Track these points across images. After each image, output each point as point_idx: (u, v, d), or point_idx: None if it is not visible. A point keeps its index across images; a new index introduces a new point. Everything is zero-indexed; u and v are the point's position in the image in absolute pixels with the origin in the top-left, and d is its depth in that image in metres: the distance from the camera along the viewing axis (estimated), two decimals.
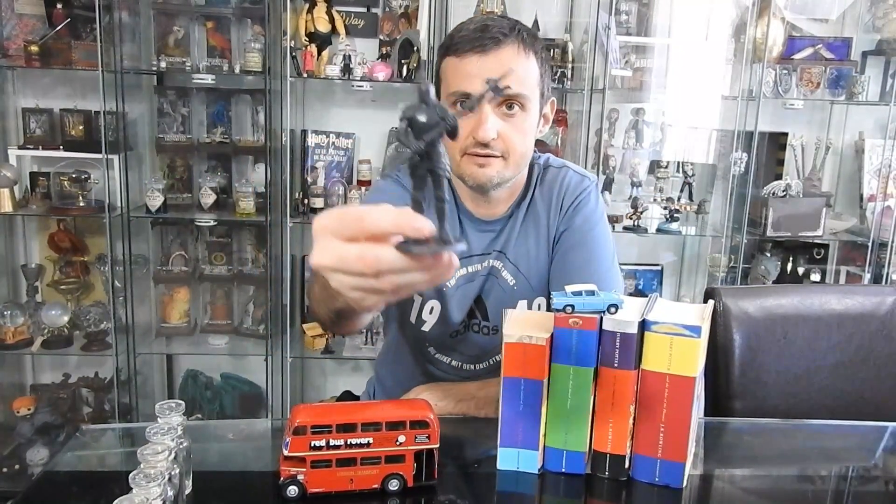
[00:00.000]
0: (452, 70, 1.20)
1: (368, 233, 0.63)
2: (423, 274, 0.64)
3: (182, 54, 2.58)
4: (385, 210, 0.62)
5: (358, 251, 0.63)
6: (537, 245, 1.31)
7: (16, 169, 2.50)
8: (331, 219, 0.64)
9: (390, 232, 0.63)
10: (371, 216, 0.62)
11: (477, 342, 1.33)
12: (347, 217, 0.64)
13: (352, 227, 0.63)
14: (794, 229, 2.72)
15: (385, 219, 0.62)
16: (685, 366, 0.89)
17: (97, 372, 2.70)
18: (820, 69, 2.70)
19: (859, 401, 1.44)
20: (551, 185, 1.33)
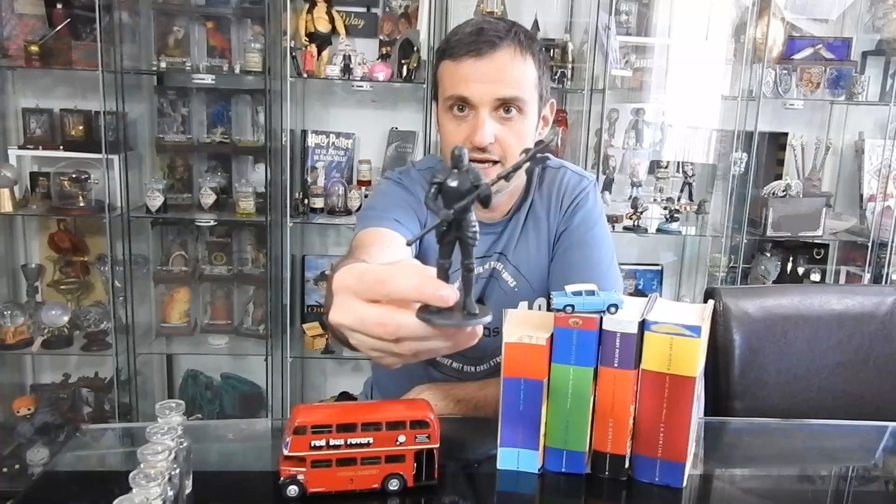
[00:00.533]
0: (449, 74, 1.19)
1: (390, 298, 0.62)
2: (444, 342, 0.64)
3: (182, 54, 2.58)
4: (409, 274, 0.61)
5: (378, 316, 0.62)
6: (538, 246, 1.31)
7: (16, 169, 2.50)
8: (352, 278, 0.64)
9: (413, 299, 0.61)
10: (394, 281, 0.61)
11: (477, 344, 1.30)
12: (369, 278, 0.63)
13: (373, 289, 0.62)
14: (794, 229, 2.72)
15: (408, 285, 0.61)
16: (685, 366, 0.89)
17: (97, 372, 2.70)
18: (820, 69, 2.70)
19: (859, 401, 1.44)
20: (550, 186, 1.33)
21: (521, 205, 1.32)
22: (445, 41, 1.21)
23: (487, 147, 1.16)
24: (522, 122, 1.19)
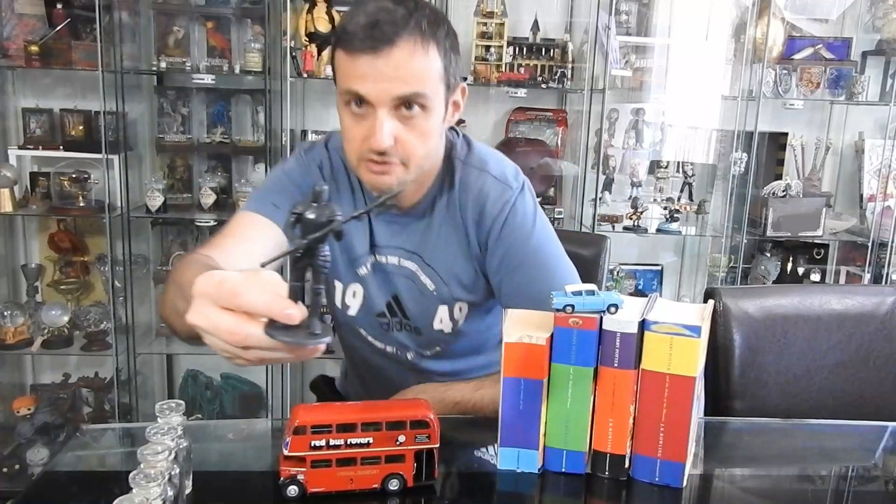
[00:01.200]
0: (344, 67, 1.08)
1: (242, 309, 0.69)
2: (287, 353, 0.71)
3: (182, 54, 2.58)
4: (262, 290, 0.68)
5: (229, 325, 0.69)
6: (457, 253, 1.23)
7: (16, 169, 2.50)
8: (212, 285, 0.70)
9: (262, 314, 0.68)
10: (247, 295, 0.68)
11: (406, 339, 1.30)
12: (226, 288, 0.69)
13: (228, 299, 0.69)
14: (794, 229, 2.72)
15: (259, 300, 0.68)
16: (685, 366, 0.89)
17: (97, 372, 2.70)
18: (820, 69, 2.71)
19: (859, 401, 1.44)
20: (468, 191, 1.21)
21: (434, 201, 1.23)
22: (342, 27, 1.09)
23: (387, 150, 1.08)
24: (426, 119, 1.10)
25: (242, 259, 1.06)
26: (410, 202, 1.23)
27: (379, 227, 1.25)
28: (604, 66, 2.60)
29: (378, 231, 1.25)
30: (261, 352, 0.70)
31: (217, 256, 1.04)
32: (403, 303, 1.27)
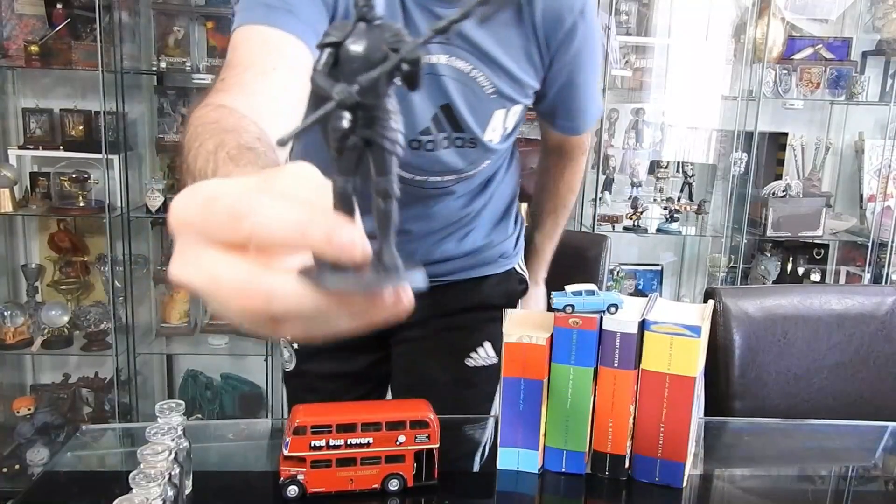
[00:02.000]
0: None
1: (256, 243, 0.36)
2: (348, 318, 0.38)
3: (182, 54, 2.58)
4: (284, 203, 0.35)
5: (236, 276, 0.36)
6: (517, 45, 1.04)
7: (16, 169, 2.50)
8: (194, 207, 0.37)
9: (293, 248, 0.36)
10: (261, 214, 0.35)
11: (451, 159, 1.10)
12: (220, 208, 0.36)
13: (228, 228, 0.36)
14: (794, 229, 2.72)
15: (284, 222, 0.35)
16: (685, 366, 0.89)
17: (97, 372, 2.70)
18: (820, 69, 2.71)
19: (859, 401, 1.44)
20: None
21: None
22: None
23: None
24: None
25: (282, 103, 0.76)
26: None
27: (419, 17, 0.99)
28: (604, 66, 2.60)
29: (419, 23, 0.98)
30: (300, 321, 0.38)
31: (241, 103, 0.71)
32: (457, 111, 1.06)
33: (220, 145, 0.58)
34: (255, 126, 0.65)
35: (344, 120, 0.37)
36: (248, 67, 0.79)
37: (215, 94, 0.74)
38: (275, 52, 0.82)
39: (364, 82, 0.37)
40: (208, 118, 0.66)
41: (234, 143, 0.58)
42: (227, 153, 0.56)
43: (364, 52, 0.38)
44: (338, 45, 0.39)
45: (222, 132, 0.61)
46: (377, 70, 0.37)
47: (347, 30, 0.39)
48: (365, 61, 0.38)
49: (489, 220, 1.25)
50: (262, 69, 0.79)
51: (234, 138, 0.60)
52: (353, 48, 0.38)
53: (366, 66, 0.37)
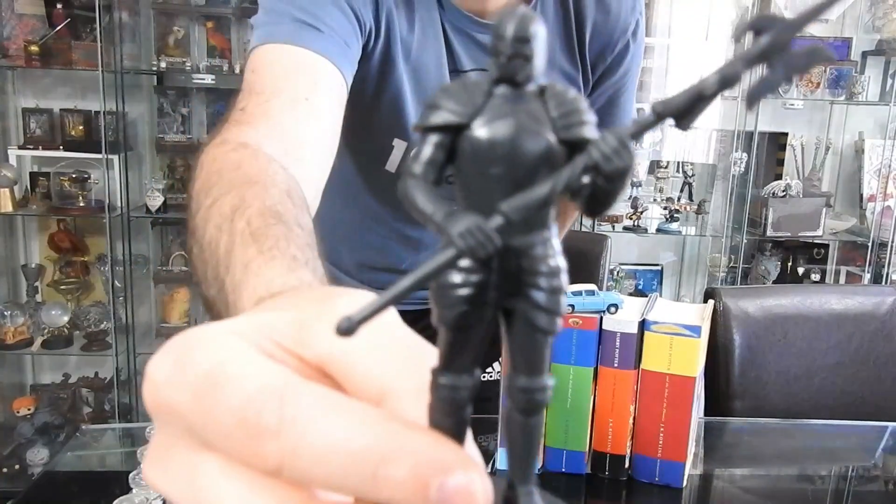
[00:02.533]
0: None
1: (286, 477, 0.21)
2: None
3: (182, 54, 2.58)
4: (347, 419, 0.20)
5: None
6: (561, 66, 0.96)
7: (16, 169, 2.50)
8: (185, 391, 0.23)
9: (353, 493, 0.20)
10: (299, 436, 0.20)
11: None
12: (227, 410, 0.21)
13: (239, 447, 0.21)
14: (794, 229, 2.72)
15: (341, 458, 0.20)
16: (685, 366, 0.89)
17: (97, 372, 2.70)
18: (820, 69, 2.71)
19: (859, 401, 1.44)
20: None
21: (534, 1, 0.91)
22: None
23: None
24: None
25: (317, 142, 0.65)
26: (499, 4, 0.89)
27: (458, 44, 0.89)
28: None
29: (458, 48, 0.90)
30: None
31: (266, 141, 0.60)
32: None
33: (238, 208, 0.45)
34: (283, 174, 0.53)
35: (468, 276, 0.21)
36: (274, 95, 0.66)
37: (235, 128, 0.62)
38: (307, 77, 0.69)
39: (515, 214, 0.20)
40: (227, 161, 0.54)
41: (257, 207, 0.45)
42: (247, 222, 0.44)
43: (510, 146, 0.21)
44: (458, 128, 0.21)
45: (243, 185, 0.49)
46: (542, 188, 0.20)
47: (477, 98, 0.21)
48: (512, 163, 0.21)
49: None
50: (293, 98, 0.66)
51: (257, 196, 0.47)
52: (490, 137, 0.21)
53: (513, 171, 0.21)
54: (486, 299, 0.21)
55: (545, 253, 0.22)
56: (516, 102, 0.21)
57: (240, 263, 0.40)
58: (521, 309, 0.22)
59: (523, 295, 0.21)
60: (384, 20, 0.83)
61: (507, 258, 0.21)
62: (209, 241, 0.45)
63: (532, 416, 0.23)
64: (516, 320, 0.22)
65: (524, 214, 0.20)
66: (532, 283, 0.21)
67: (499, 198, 0.20)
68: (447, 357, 0.22)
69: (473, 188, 0.21)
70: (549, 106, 0.21)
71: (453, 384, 0.22)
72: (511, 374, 0.22)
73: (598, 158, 0.20)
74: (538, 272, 0.21)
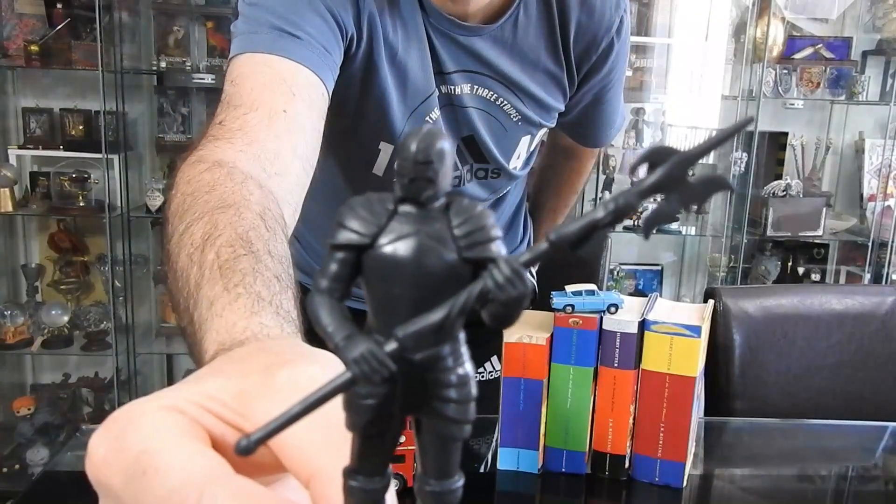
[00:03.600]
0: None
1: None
2: None
3: (182, 54, 2.58)
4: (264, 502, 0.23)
5: None
6: (545, 67, 0.96)
7: (16, 169, 2.50)
8: (118, 471, 0.24)
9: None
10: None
11: (469, 192, 1.04)
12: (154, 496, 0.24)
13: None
14: (794, 229, 2.72)
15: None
16: (685, 366, 0.89)
17: (97, 372, 2.70)
18: (820, 69, 2.71)
19: (859, 401, 1.44)
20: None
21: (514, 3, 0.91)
22: None
23: None
24: None
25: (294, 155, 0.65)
26: (480, 6, 0.89)
27: (442, 47, 0.90)
28: None
29: (441, 51, 0.90)
30: None
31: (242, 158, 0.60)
32: (481, 142, 0.99)
33: (210, 235, 0.46)
34: (258, 194, 0.54)
35: (370, 399, 0.22)
36: (251, 109, 0.66)
37: (211, 144, 0.61)
38: (285, 88, 0.69)
39: (409, 341, 0.20)
40: (201, 182, 0.54)
41: (228, 236, 0.46)
42: (216, 254, 0.44)
43: (412, 266, 0.21)
44: (362, 248, 0.22)
45: (216, 210, 0.49)
46: (438, 312, 0.20)
47: (381, 217, 0.22)
48: (414, 283, 0.21)
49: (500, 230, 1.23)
50: (270, 111, 0.66)
51: (229, 223, 0.48)
52: (391, 257, 0.21)
53: (415, 289, 0.21)
54: (391, 410, 0.22)
55: (454, 364, 0.22)
56: (420, 222, 0.21)
57: (206, 300, 0.41)
58: (430, 419, 0.22)
59: (432, 407, 0.22)
60: (366, 24, 0.83)
61: (411, 373, 0.21)
62: (181, 271, 0.46)
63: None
64: (425, 429, 0.22)
65: (418, 340, 0.20)
66: (441, 395, 0.22)
67: (403, 314, 0.20)
68: (358, 461, 0.23)
69: (380, 304, 0.22)
70: (454, 224, 0.21)
71: (363, 487, 0.23)
72: (421, 477, 0.23)
73: (492, 287, 0.20)
74: (447, 384, 0.22)
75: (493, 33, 0.90)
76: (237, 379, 0.27)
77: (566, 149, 1.27)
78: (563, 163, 1.30)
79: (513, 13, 0.91)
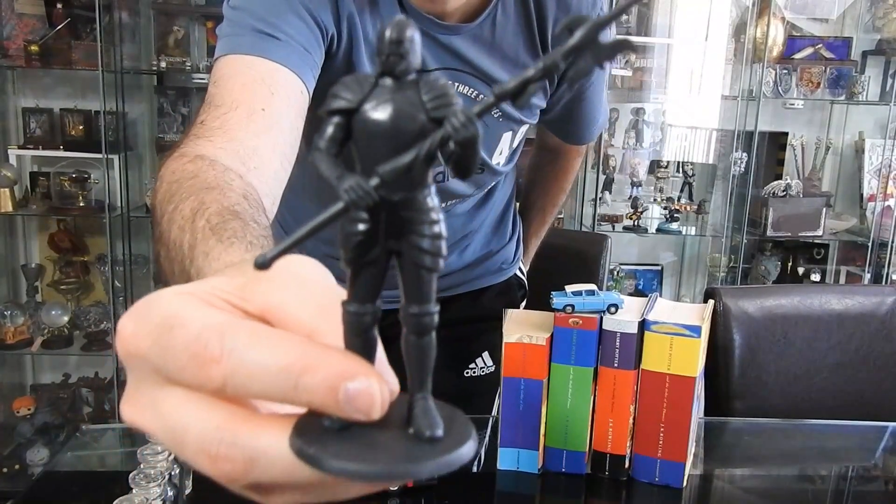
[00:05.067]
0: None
1: (230, 389, 0.27)
2: (361, 489, 0.28)
3: (182, 54, 2.58)
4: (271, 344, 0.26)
5: (207, 435, 0.27)
6: (525, 64, 0.97)
7: (16, 169, 2.50)
8: (146, 336, 0.28)
9: (281, 397, 0.26)
10: (236, 359, 0.26)
11: (454, 188, 1.07)
12: (179, 346, 0.27)
13: (191, 375, 0.27)
14: (794, 229, 2.72)
15: (269, 372, 0.26)
16: (685, 366, 0.89)
17: (97, 372, 2.70)
18: (820, 69, 2.71)
19: (859, 401, 1.44)
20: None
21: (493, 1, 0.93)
22: None
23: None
24: None
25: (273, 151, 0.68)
26: (458, 5, 0.90)
27: (423, 44, 0.81)
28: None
29: (423, 50, 0.87)
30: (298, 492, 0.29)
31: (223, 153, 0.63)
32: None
33: (198, 209, 0.49)
34: (239, 181, 0.57)
35: (359, 224, 0.26)
36: (232, 108, 0.69)
37: (193, 141, 0.64)
38: (264, 88, 0.72)
39: (388, 175, 0.26)
40: (185, 172, 0.57)
41: (216, 207, 0.49)
42: (206, 220, 0.47)
43: (390, 124, 0.26)
44: (350, 112, 0.27)
45: (201, 190, 0.52)
46: (408, 155, 0.26)
47: (365, 88, 0.27)
48: (391, 139, 0.26)
49: (489, 228, 1.24)
50: (249, 110, 0.69)
51: (215, 199, 0.51)
52: (374, 117, 0.26)
53: (393, 145, 0.26)
54: (377, 241, 0.27)
55: (425, 206, 0.27)
56: (396, 91, 0.27)
57: (201, 254, 0.44)
58: (408, 251, 0.27)
59: (408, 240, 0.27)
60: (345, 24, 0.85)
61: (392, 211, 0.27)
62: (174, 242, 0.49)
63: (423, 336, 0.28)
64: (405, 261, 0.27)
65: (395, 175, 0.26)
66: (416, 231, 0.27)
67: (384, 162, 0.26)
68: (352, 290, 0.28)
69: (365, 157, 0.27)
70: (423, 93, 0.27)
71: (357, 311, 0.28)
72: (405, 304, 0.28)
73: (451, 130, 0.25)
74: (421, 221, 0.27)
75: (473, 31, 0.93)
76: (237, 276, 0.31)
77: (553, 148, 1.29)
78: (551, 162, 1.32)
79: (491, 12, 0.93)
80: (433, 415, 0.27)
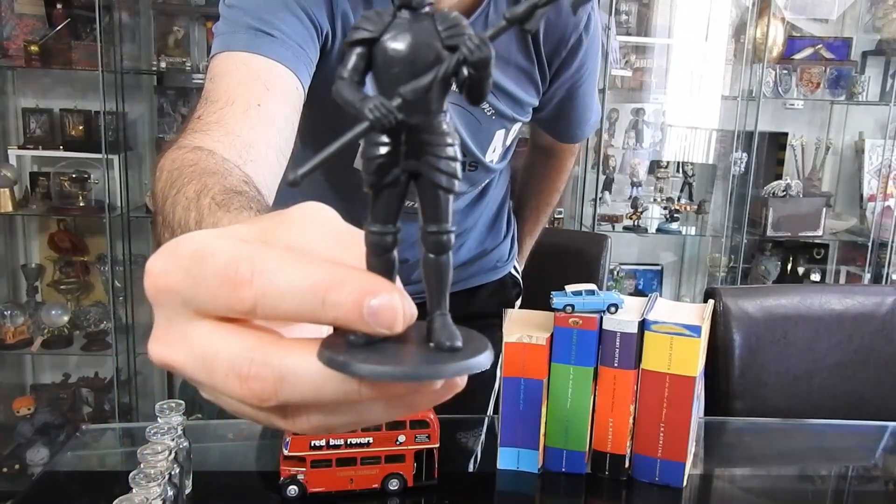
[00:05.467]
0: None
1: (262, 314, 0.28)
2: (382, 409, 0.30)
3: (182, 54, 2.58)
4: (299, 264, 0.27)
5: (237, 357, 0.28)
6: (517, 60, 0.99)
7: (16, 169, 2.50)
8: (177, 271, 0.29)
9: (310, 317, 0.27)
10: (266, 279, 0.27)
11: None
12: (210, 274, 0.28)
13: (223, 300, 0.28)
14: (794, 229, 2.72)
15: (298, 290, 0.27)
16: (685, 366, 0.89)
17: (97, 372, 2.69)
18: (820, 69, 2.71)
19: (859, 401, 1.44)
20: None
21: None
22: None
23: None
24: None
25: (269, 145, 0.69)
26: (451, 4, 0.92)
27: None
28: (604, 66, 2.60)
29: None
30: (320, 415, 0.30)
31: (220, 146, 0.64)
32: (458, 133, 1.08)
33: (202, 190, 0.50)
34: (237, 170, 0.58)
35: (381, 147, 0.28)
36: (228, 103, 0.70)
37: (190, 135, 0.65)
38: (259, 84, 0.73)
39: (409, 94, 0.27)
40: (185, 160, 0.57)
41: (219, 188, 0.50)
42: (211, 199, 0.48)
43: (408, 52, 0.28)
44: (371, 41, 0.29)
45: (203, 174, 0.53)
46: (427, 77, 0.27)
47: (385, 20, 0.29)
48: (410, 64, 0.28)
49: (483, 226, 1.25)
50: (245, 106, 0.70)
51: (217, 181, 0.52)
52: (394, 46, 0.28)
53: (411, 70, 0.28)
54: (397, 162, 0.29)
55: (441, 130, 0.29)
56: (413, 22, 0.28)
57: (210, 225, 0.45)
58: (426, 172, 0.29)
59: (426, 161, 0.29)
60: (339, 21, 0.86)
61: (411, 134, 0.28)
62: (178, 222, 0.49)
63: (441, 255, 0.29)
64: (423, 181, 0.29)
65: (416, 95, 0.27)
66: (433, 152, 0.29)
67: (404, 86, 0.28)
68: (374, 212, 0.29)
69: (385, 83, 0.29)
70: (438, 24, 0.29)
71: (379, 231, 0.29)
72: (423, 225, 0.29)
73: (466, 52, 0.27)
74: (437, 143, 0.29)
75: (476, 21, 0.93)
76: (255, 224, 0.32)
77: (546, 148, 1.29)
78: (544, 161, 1.32)
79: (483, 10, 0.93)
80: (452, 328, 0.29)
